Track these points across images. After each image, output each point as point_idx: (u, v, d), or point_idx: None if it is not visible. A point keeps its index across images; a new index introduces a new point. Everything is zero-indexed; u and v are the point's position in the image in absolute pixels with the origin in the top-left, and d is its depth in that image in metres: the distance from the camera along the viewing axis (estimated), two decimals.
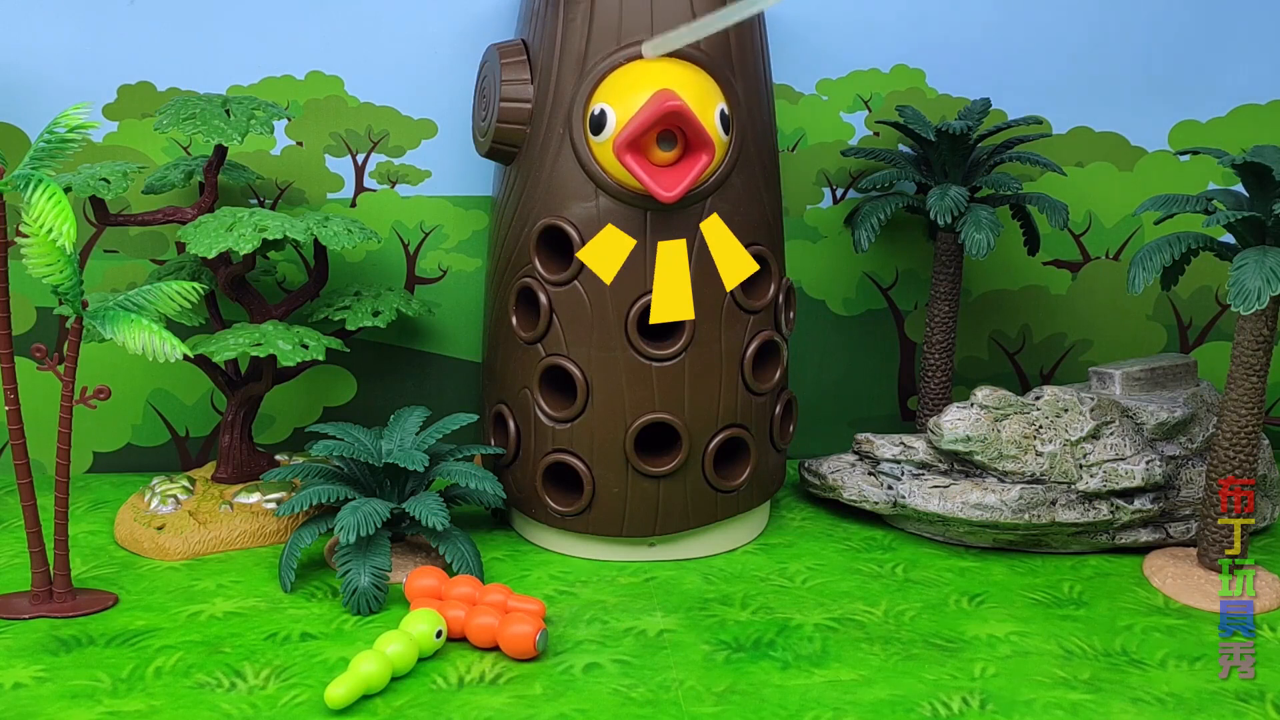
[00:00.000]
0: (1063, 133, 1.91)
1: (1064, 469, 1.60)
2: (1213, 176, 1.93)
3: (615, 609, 1.47)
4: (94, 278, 1.81)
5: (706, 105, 1.47)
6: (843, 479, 1.73)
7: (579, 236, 1.52)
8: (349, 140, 1.82)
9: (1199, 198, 1.53)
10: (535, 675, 1.31)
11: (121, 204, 1.78)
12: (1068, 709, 1.27)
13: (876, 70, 1.87)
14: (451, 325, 1.90)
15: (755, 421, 1.62)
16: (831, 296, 1.96)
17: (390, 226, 1.86)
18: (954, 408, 1.64)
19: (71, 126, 1.32)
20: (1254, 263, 1.40)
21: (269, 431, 1.91)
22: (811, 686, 1.30)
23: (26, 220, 1.28)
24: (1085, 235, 1.96)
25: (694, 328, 1.53)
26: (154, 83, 1.77)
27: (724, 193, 1.54)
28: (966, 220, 1.68)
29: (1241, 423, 1.50)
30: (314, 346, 1.57)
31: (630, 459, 1.55)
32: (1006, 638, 1.42)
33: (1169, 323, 2.01)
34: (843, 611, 1.48)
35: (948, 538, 1.68)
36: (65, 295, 1.35)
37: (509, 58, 1.57)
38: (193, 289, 1.41)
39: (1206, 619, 1.47)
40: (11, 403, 1.40)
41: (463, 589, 1.42)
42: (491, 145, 1.59)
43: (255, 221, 1.53)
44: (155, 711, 1.24)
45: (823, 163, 1.90)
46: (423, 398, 1.90)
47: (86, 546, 1.62)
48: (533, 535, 1.67)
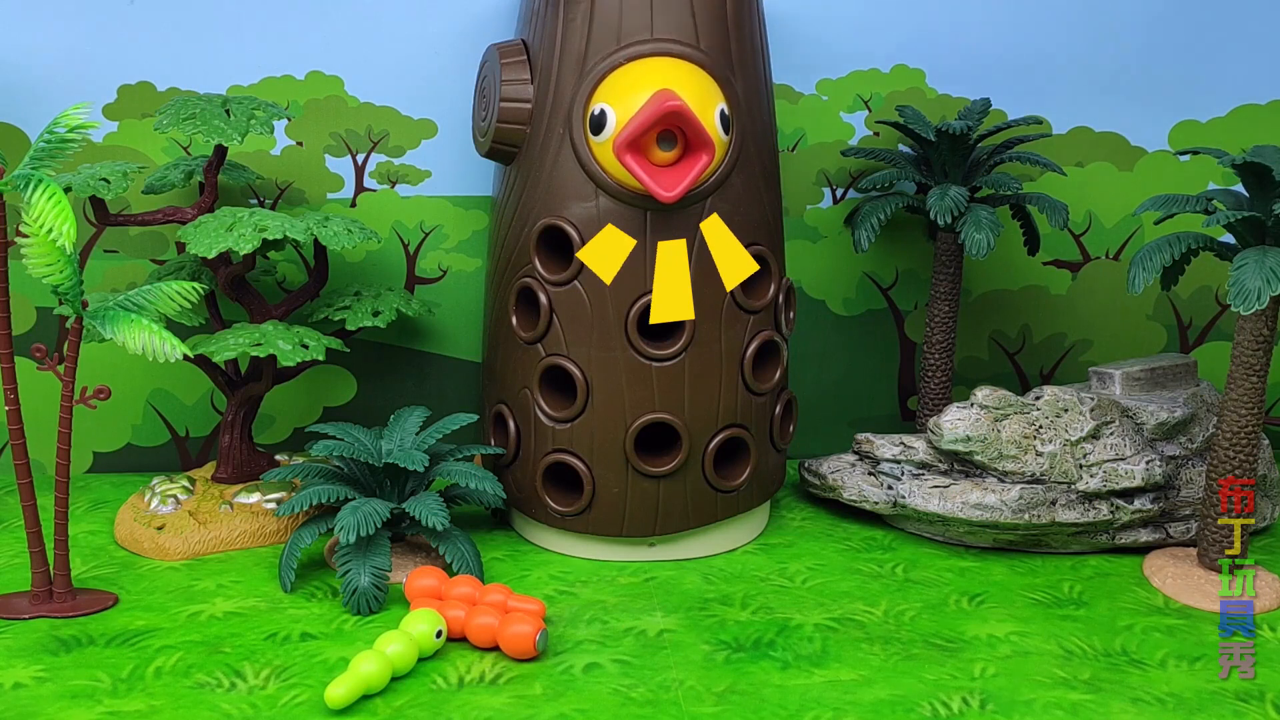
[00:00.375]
0: (1063, 133, 1.91)
1: (1064, 469, 1.60)
2: (1213, 176, 1.93)
3: (615, 609, 1.47)
4: (94, 278, 1.81)
5: (706, 105, 1.47)
6: (843, 479, 1.73)
7: (579, 236, 1.52)
8: (349, 140, 1.82)
9: (1199, 198, 1.53)
10: (535, 675, 1.31)
11: (121, 204, 1.78)
12: (1068, 709, 1.27)
13: (876, 70, 1.87)
14: (451, 325, 1.90)
15: (755, 421, 1.62)
16: (831, 296, 1.96)
17: (390, 226, 1.86)
18: (954, 408, 1.64)
19: (71, 126, 1.32)
20: (1254, 263, 1.40)
21: (269, 431, 1.91)
22: (811, 686, 1.30)
23: (26, 220, 1.28)
24: (1085, 235, 1.96)
25: (694, 328, 1.53)
26: (154, 83, 1.77)
27: (724, 193, 1.54)
28: (966, 220, 1.68)
29: (1241, 423, 1.50)
30: (314, 346, 1.57)
31: (630, 459, 1.55)
32: (1006, 638, 1.42)
33: (1169, 323, 2.01)
34: (843, 611, 1.48)
35: (948, 538, 1.68)
36: (65, 295, 1.35)
37: (509, 58, 1.57)
38: (193, 289, 1.41)
39: (1206, 619, 1.47)
40: (11, 403, 1.40)
41: (463, 589, 1.42)
42: (491, 145, 1.59)
43: (255, 221, 1.53)
44: (155, 711, 1.24)
45: (823, 163, 1.90)
46: (423, 398, 1.90)
47: (86, 546, 1.62)
48: (533, 535, 1.67)
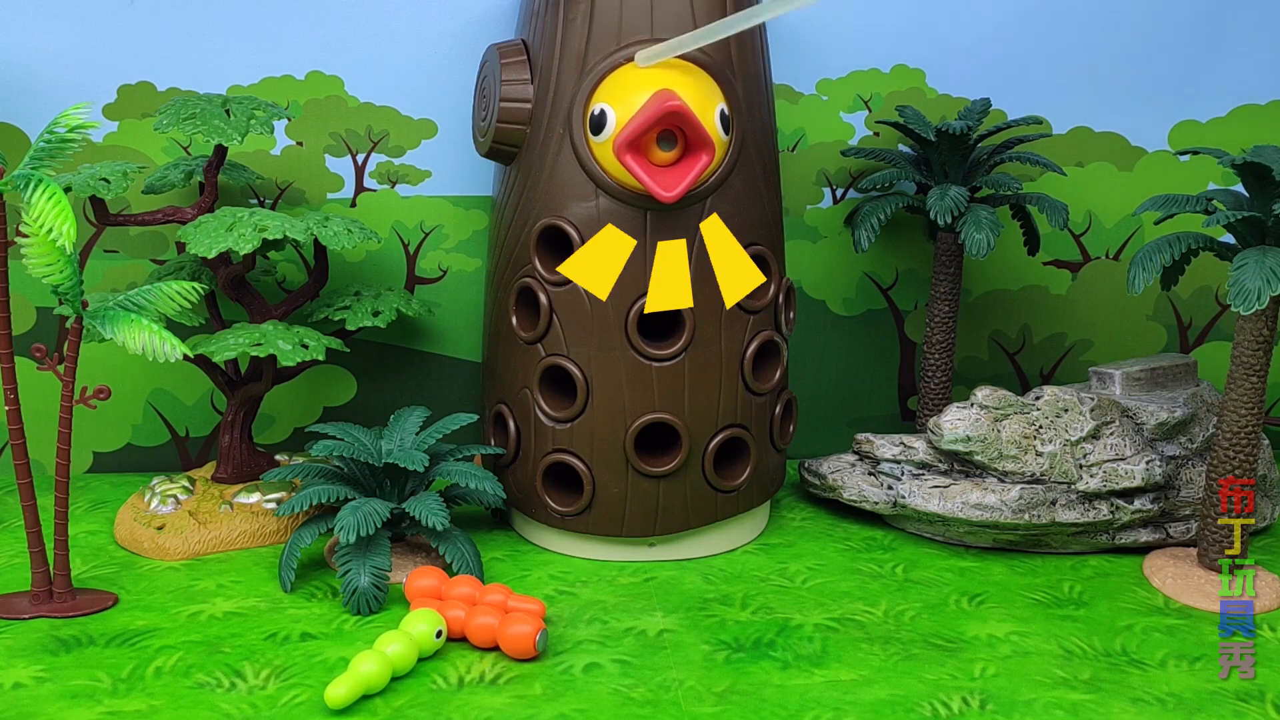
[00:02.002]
0: (1063, 133, 1.91)
1: (1064, 469, 1.60)
2: (1213, 176, 1.93)
3: (615, 609, 1.47)
4: (94, 278, 1.81)
5: (706, 105, 1.47)
6: (843, 479, 1.73)
7: (579, 236, 1.52)
8: (349, 140, 1.82)
9: (1199, 198, 1.53)
10: (535, 675, 1.31)
11: (121, 204, 1.78)
12: (1068, 709, 1.27)
13: (876, 70, 1.87)
14: (451, 325, 1.90)
15: (755, 421, 1.62)
16: (831, 296, 1.96)
17: (390, 226, 1.86)
18: (954, 408, 1.64)
19: (71, 126, 1.32)
20: (1254, 263, 1.40)
21: (269, 431, 1.91)
22: (811, 686, 1.30)
23: (27, 220, 1.28)
24: (1085, 235, 1.96)
25: (694, 328, 1.53)
26: (154, 83, 1.77)
27: (724, 193, 1.54)
28: (966, 220, 1.68)
29: (1241, 423, 1.50)
30: (314, 346, 1.57)
31: (630, 459, 1.55)
32: (1006, 638, 1.42)
33: (1169, 323, 2.01)
34: (843, 611, 1.48)
35: (948, 538, 1.68)
36: (65, 295, 1.35)
37: (509, 58, 1.57)
38: (193, 289, 1.41)
39: (1206, 619, 1.47)
40: (11, 403, 1.40)
41: (462, 589, 1.42)
42: (491, 145, 1.59)
43: (255, 221, 1.53)
44: (155, 711, 1.24)
45: (823, 163, 1.90)
46: (423, 398, 1.90)
47: (86, 546, 1.62)
48: (533, 535, 1.67)
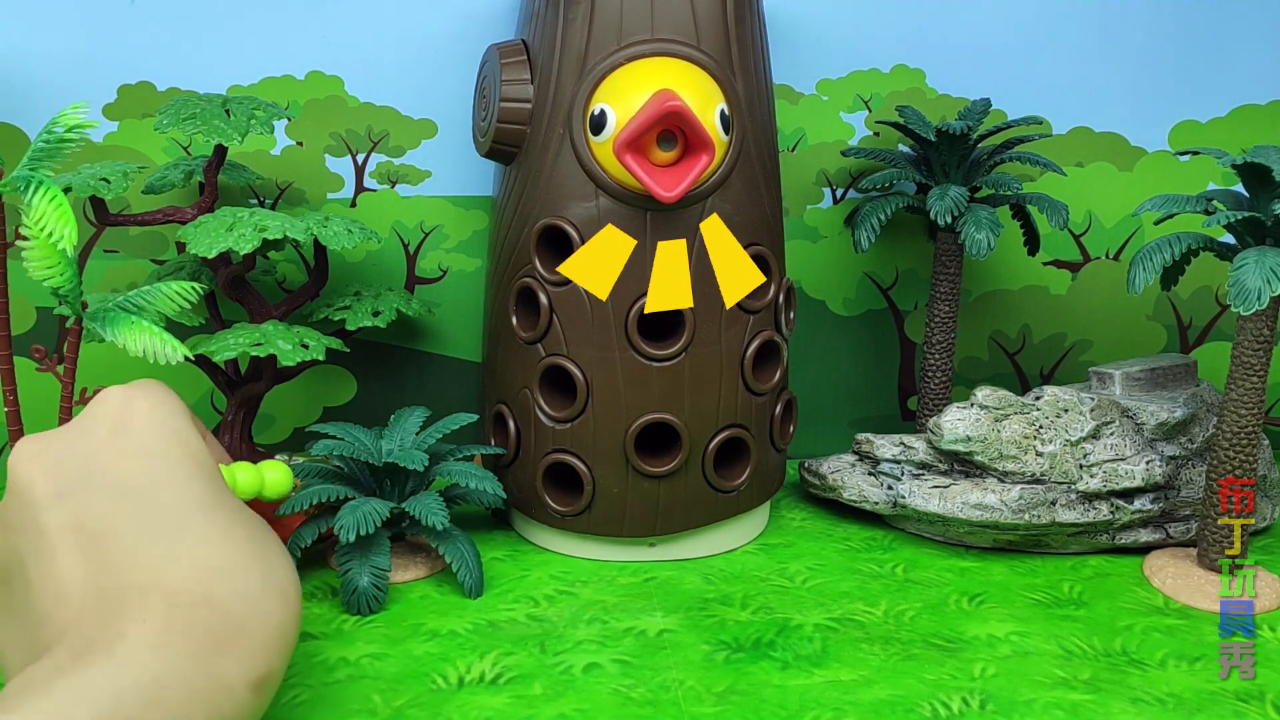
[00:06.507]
0: (1063, 133, 1.91)
1: (1064, 469, 1.60)
2: (1213, 176, 1.93)
3: (615, 609, 1.47)
4: (94, 278, 1.81)
5: (706, 105, 1.47)
6: (843, 479, 1.73)
7: (579, 236, 1.52)
8: (349, 140, 1.82)
9: (1199, 198, 1.53)
10: (535, 675, 1.31)
11: (121, 204, 1.78)
12: (1068, 709, 1.26)
13: (876, 70, 1.87)
14: (451, 325, 1.90)
15: (755, 421, 1.62)
16: (831, 296, 1.96)
17: (390, 226, 1.86)
18: (954, 408, 1.64)
19: (69, 126, 1.32)
20: (1254, 263, 1.40)
21: (269, 431, 1.91)
22: (811, 686, 1.30)
23: (26, 222, 1.28)
24: (1085, 235, 1.96)
25: (694, 328, 1.53)
26: (154, 83, 1.77)
27: (724, 193, 1.54)
28: (966, 220, 1.68)
29: (1241, 423, 1.50)
30: (314, 346, 1.57)
31: (630, 459, 1.55)
32: (1006, 638, 1.42)
33: (1169, 323, 2.01)
34: (843, 611, 1.48)
35: (948, 538, 1.68)
36: (65, 297, 1.35)
37: (509, 58, 1.57)
38: (193, 289, 1.41)
39: (1206, 619, 1.47)
40: (11, 403, 1.40)
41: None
42: (491, 145, 1.59)
43: (255, 221, 1.53)
44: None
45: (823, 163, 1.90)
46: (423, 398, 1.90)
47: None
48: (533, 535, 1.67)
